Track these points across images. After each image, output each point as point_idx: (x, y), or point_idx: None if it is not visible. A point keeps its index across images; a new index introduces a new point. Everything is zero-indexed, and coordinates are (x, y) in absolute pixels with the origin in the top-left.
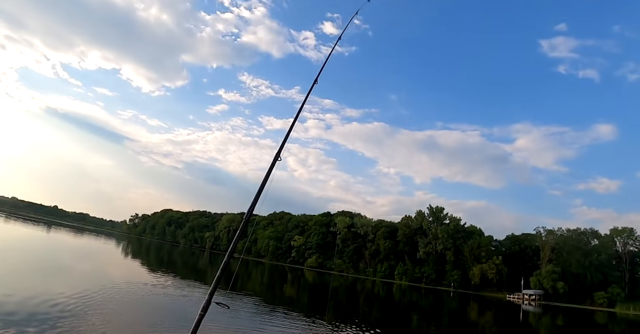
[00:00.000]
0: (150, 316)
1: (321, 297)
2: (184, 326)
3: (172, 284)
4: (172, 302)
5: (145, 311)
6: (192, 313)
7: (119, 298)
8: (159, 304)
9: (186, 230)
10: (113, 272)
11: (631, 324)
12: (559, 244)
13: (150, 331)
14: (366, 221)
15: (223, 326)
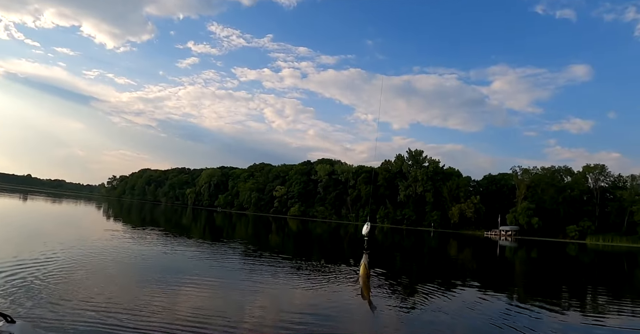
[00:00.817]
0: (138, 272)
1: (306, 243)
2: (170, 279)
3: (156, 241)
4: (158, 257)
5: (132, 267)
6: (177, 267)
7: (103, 258)
8: (144, 260)
9: (166, 188)
10: (95, 234)
11: (599, 254)
12: (534, 182)
13: (140, 286)
14: (346, 167)
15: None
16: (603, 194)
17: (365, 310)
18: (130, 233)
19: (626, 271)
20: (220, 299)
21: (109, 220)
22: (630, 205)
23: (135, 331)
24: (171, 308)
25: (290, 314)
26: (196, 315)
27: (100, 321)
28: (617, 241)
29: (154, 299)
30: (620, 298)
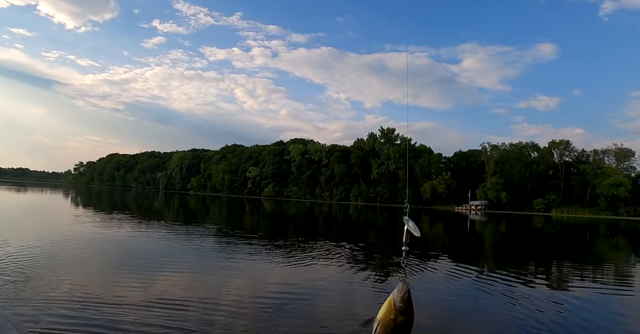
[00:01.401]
0: (111, 259)
1: (281, 223)
2: (145, 264)
3: (128, 226)
4: (130, 242)
5: (105, 254)
6: (151, 251)
7: (73, 246)
8: (117, 246)
9: (136, 172)
10: (63, 222)
11: (564, 225)
12: (503, 158)
13: (115, 273)
14: (319, 147)
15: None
16: (567, 168)
17: (342, 289)
18: (101, 220)
19: (588, 241)
20: (198, 281)
21: (78, 207)
22: (592, 178)
23: (113, 318)
24: (147, 293)
25: (267, 292)
26: (173, 298)
27: (75, 308)
28: (580, 213)
29: (130, 285)
30: (582, 266)
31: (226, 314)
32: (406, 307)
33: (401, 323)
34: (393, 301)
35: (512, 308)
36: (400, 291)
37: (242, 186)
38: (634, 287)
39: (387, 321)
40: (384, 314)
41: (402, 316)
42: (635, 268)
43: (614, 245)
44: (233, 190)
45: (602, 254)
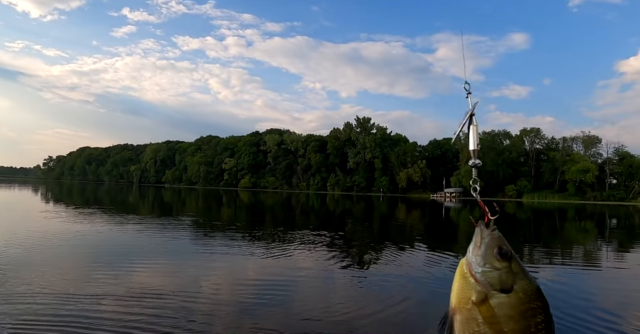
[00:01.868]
0: (85, 255)
1: (258, 214)
2: (120, 259)
3: (102, 221)
4: (105, 238)
5: (78, 250)
6: (127, 245)
7: (44, 244)
8: (91, 242)
9: (109, 166)
10: (33, 219)
11: (535, 211)
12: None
13: (89, 269)
14: (296, 137)
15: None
16: (538, 155)
17: (323, 277)
18: (74, 215)
19: (557, 225)
20: (175, 273)
21: (49, 203)
22: (561, 165)
23: (92, 312)
24: (124, 286)
25: (246, 284)
26: (150, 290)
27: (52, 303)
28: (550, 198)
29: (106, 278)
30: (553, 248)
31: (205, 307)
32: (506, 264)
33: (507, 305)
34: (469, 263)
35: None
36: (482, 238)
37: (219, 178)
38: (601, 265)
39: (469, 311)
40: (461, 295)
41: (500, 293)
42: (601, 248)
43: (581, 228)
44: (209, 182)
45: (571, 237)
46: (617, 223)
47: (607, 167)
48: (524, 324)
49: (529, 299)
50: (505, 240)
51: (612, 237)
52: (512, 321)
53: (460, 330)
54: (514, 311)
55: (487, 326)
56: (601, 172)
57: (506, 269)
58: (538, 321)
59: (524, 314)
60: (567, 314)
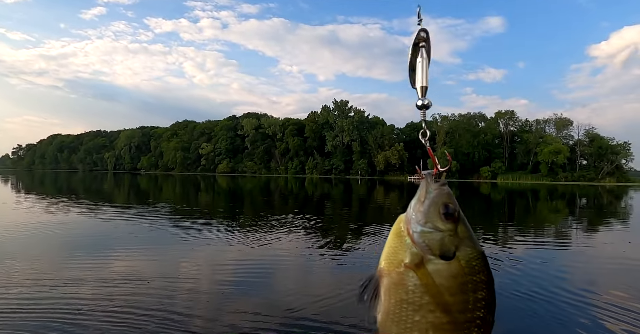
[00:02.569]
0: (61, 246)
1: (237, 199)
2: (98, 249)
3: (77, 211)
4: (81, 227)
5: (54, 242)
6: (103, 235)
7: (16, 237)
8: (66, 232)
9: (82, 153)
10: (4, 210)
11: (508, 191)
12: (452, 128)
13: (68, 257)
14: (273, 121)
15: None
16: (512, 137)
17: (302, 262)
18: (46, 205)
19: (530, 205)
20: (154, 262)
21: (19, 194)
22: (534, 146)
23: (70, 300)
24: (101, 277)
25: (225, 271)
26: (128, 278)
27: (30, 293)
28: (523, 179)
29: (83, 267)
30: (526, 226)
31: (185, 293)
32: (452, 226)
33: (445, 275)
34: (408, 220)
35: None
36: (427, 192)
37: (196, 163)
38: (571, 242)
39: (400, 275)
40: (393, 257)
41: (439, 259)
42: (572, 226)
43: (553, 208)
44: (186, 168)
45: (543, 216)
46: (586, 202)
47: (577, 148)
48: (461, 298)
49: (471, 271)
50: (455, 198)
51: (581, 216)
52: (447, 293)
53: (386, 296)
54: (453, 282)
55: (418, 295)
56: (572, 153)
57: (450, 232)
58: (478, 297)
59: (463, 287)
60: (540, 288)
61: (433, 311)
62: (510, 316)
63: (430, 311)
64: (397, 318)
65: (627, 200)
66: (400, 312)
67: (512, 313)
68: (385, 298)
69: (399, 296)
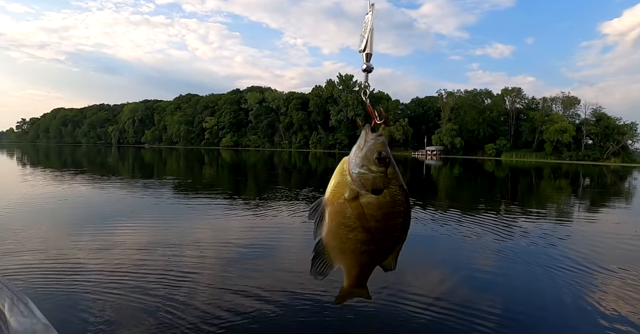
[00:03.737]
0: (70, 218)
1: (241, 173)
2: (106, 222)
3: (82, 184)
4: (87, 201)
5: (61, 215)
6: (110, 208)
7: (26, 210)
8: (73, 206)
9: (85, 127)
10: (11, 185)
11: (512, 169)
12: (458, 104)
13: (75, 230)
14: (277, 94)
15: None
16: (518, 115)
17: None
18: (52, 179)
19: (534, 183)
20: (158, 235)
21: (26, 168)
22: (540, 124)
23: (76, 272)
24: (107, 250)
25: (230, 246)
26: (134, 253)
27: (34, 266)
28: (527, 157)
29: (90, 241)
30: (529, 204)
31: (190, 270)
32: (382, 169)
33: (374, 206)
34: (350, 161)
35: (466, 243)
36: (365, 141)
37: (199, 137)
38: (573, 219)
39: (340, 205)
40: (336, 190)
41: (371, 193)
42: (574, 204)
43: (556, 186)
44: (190, 141)
45: (546, 194)
46: (590, 182)
47: (584, 127)
48: (384, 223)
49: (394, 204)
50: (388, 146)
51: (584, 195)
52: (374, 220)
53: (330, 219)
54: (379, 211)
55: (352, 220)
56: (578, 132)
57: (381, 173)
58: (397, 222)
59: (386, 216)
60: (541, 262)
61: (362, 231)
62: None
63: (360, 232)
64: (336, 235)
65: (631, 181)
66: (339, 231)
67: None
68: (328, 220)
69: (338, 220)
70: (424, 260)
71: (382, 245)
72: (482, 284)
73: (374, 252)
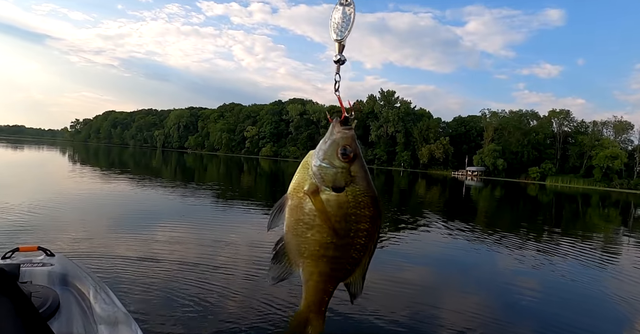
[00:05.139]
0: (113, 216)
1: (278, 183)
2: (144, 221)
3: (127, 184)
4: (130, 201)
5: (106, 211)
6: (150, 209)
7: (74, 205)
8: (116, 203)
9: (133, 130)
10: (63, 180)
11: (557, 194)
12: (502, 125)
13: (117, 228)
14: (318, 107)
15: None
16: (565, 138)
17: None
18: (100, 177)
19: (580, 211)
20: (194, 238)
21: (76, 165)
22: (589, 149)
23: (117, 269)
24: (144, 248)
25: (263, 253)
26: (170, 254)
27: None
28: (574, 183)
29: (130, 239)
30: (572, 234)
31: (221, 275)
32: (345, 165)
33: (333, 204)
34: (314, 154)
35: (500, 270)
36: (331, 133)
37: (240, 145)
38: (619, 257)
39: (299, 199)
40: (297, 183)
41: (331, 190)
42: (622, 238)
43: (604, 216)
44: (231, 149)
45: (592, 224)
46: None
47: (637, 154)
48: (344, 225)
49: (357, 205)
50: (358, 142)
51: (635, 227)
52: (334, 219)
53: (289, 214)
54: (339, 211)
55: (311, 217)
56: (630, 159)
57: (343, 169)
58: (360, 227)
59: (347, 217)
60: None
61: (320, 231)
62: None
63: (318, 231)
64: (295, 233)
65: None
66: (297, 228)
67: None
68: (288, 215)
69: (297, 215)
70: (457, 279)
71: (344, 253)
72: (511, 312)
73: (335, 260)
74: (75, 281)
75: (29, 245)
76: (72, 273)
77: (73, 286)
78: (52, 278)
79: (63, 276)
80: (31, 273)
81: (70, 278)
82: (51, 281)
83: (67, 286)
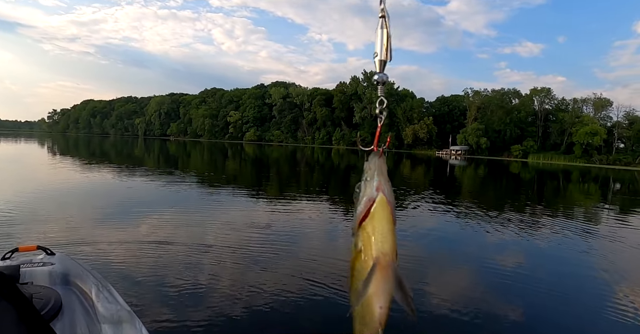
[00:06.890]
0: (98, 206)
1: (263, 168)
2: (130, 211)
3: (109, 174)
4: (113, 190)
5: (89, 202)
6: (135, 198)
7: (56, 197)
8: (99, 194)
9: (113, 119)
10: (43, 172)
11: (539, 171)
12: (484, 104)
13: (102, 218)
14: (301, 90)
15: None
16: (546, 116)
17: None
18: (81, 168)
19: (561, 187)
20: (182, 227)
21: (56, 157)
22: (570, 126)
23: (106, 258)
24: (133, 237)
25: (251, 239)
26: (157, 243)
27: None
28: (555, 159)
29: (118, 228)
30: (554, 208)
31: (212, 260)
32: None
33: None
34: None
35: (486, 245)
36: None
37: (224, 130)
38: (598, 228)
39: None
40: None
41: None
42: (602, 211)
43: (585, 191)
44: (214, 135)
45: (573, 198)
46: (620, 187)
47: (615, 130)
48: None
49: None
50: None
51: (614, 201)
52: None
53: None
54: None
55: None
56: (609, 136)
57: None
58: None
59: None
60: (562, 273)
61: None
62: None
63: None
64: None
65: None
66: None
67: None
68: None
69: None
70: (445, 255)
71: None
72: (500, 286)
73: None
74: (76, 280)
75: (28, 245)
76: (73, 272)
77: (75, 285)
78: (53, 278)
79: (64, 275)
80: (31, 273)
81: (72, 277)
82: (52, 281)
83: (69, 285)
